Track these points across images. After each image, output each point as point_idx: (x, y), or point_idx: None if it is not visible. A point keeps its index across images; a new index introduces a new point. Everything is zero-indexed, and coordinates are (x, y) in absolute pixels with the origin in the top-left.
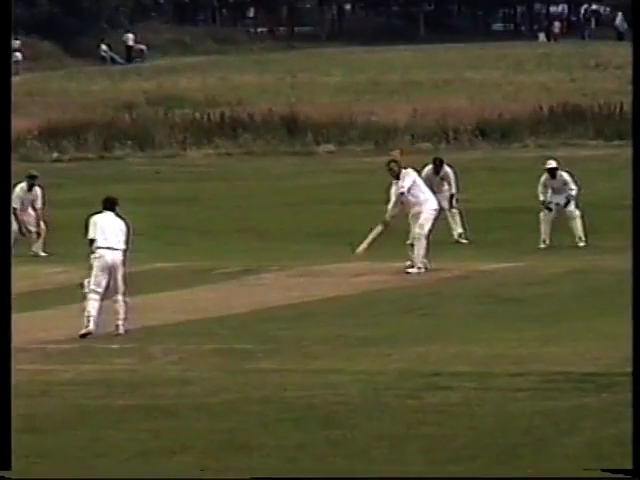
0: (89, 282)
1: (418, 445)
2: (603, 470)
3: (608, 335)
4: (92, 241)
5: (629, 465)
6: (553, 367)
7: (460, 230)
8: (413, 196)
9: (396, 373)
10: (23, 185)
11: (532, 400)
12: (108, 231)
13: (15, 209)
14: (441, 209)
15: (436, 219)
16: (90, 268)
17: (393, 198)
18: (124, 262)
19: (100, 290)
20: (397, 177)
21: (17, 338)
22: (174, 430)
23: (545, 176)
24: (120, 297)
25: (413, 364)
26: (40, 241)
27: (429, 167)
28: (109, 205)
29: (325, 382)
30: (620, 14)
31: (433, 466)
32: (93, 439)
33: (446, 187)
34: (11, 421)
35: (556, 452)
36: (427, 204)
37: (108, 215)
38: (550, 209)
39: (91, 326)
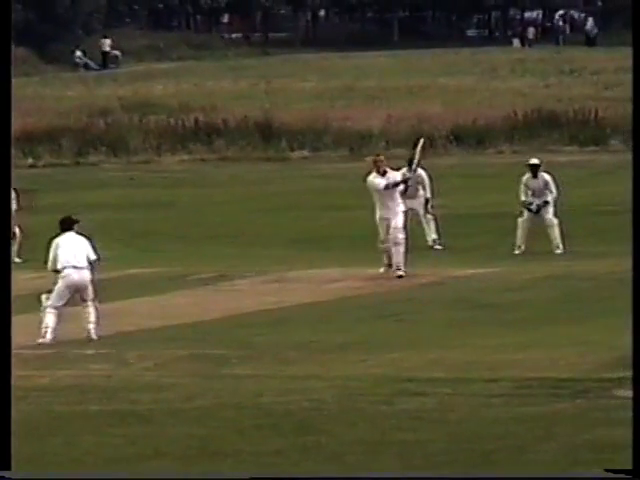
0: (48, 297)
1: (393, 451)
2: (606, 470)
3: (584, 341)
4: (55, 270)
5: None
6: (528, 373)
7: (434, 236)
8: (390, 199)
9: (371, 379)
10: None
11: (507, 406)
12: (71, 251)
13: None
14: (407, 213)
15: (407, 218)
16: (55, 284)
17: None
18: (92, 280)
19: (59, 305)
20: (384, 174)
21: None
22: (149, 436)
23: (527, 176)
24: (90, 302)
25: (388, 370)
26: (15, 246)
27: (404, 170)
28: (67, 226)
29: (300, 388)
30: (591, 19)
31: (408, 472)
32: (69, 444)
33: (421, 192)
34: (11, 422)
35: (532, 458)
36: (397, 208)
37: (68, 236)
38: (531, 210)
39: (48, 336)
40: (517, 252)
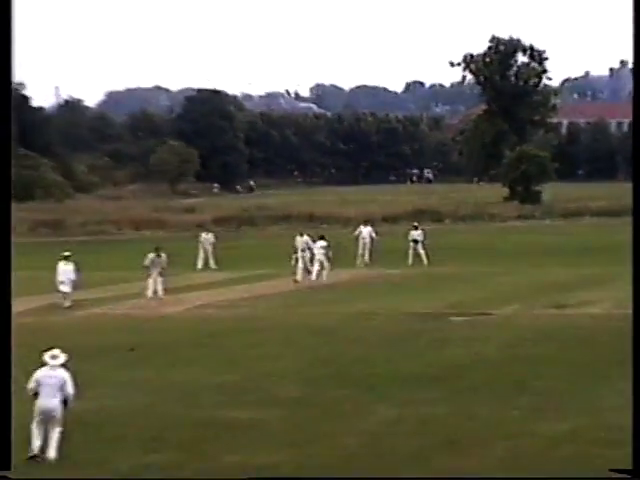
0: None
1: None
2: (611, 470)
3: (431, 297)
4: None
5: None
6: (405, 310)
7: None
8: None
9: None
10: None
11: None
12: None
13: None
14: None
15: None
16: None
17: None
18: None
19: None
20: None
21: None
22: None
23: (412, 231)
24: None
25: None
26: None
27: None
28: None
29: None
30: (430, 172)
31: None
32: None
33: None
34: (11, 422)
35: (400, 354)
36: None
37: None
38: (415, 241)
39: None
40: (410, 262)
